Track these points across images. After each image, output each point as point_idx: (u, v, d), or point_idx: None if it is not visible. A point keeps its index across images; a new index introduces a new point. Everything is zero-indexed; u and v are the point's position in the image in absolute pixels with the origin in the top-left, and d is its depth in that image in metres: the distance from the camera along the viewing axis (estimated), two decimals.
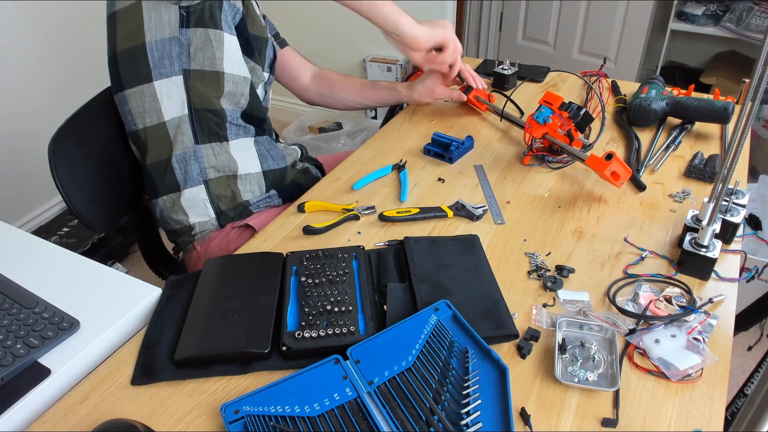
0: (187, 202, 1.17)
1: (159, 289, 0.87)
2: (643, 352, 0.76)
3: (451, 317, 0.79)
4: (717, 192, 0.84)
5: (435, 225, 1.02)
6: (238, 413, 0.67)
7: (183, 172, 1.14)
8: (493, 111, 1.35)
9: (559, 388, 0.72)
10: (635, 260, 0.92)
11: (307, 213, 1.06)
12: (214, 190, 1.17)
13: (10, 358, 0.74)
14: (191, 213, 1.18)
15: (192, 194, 1.16)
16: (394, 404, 0.67)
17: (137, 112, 1.12)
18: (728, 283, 0.87)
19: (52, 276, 0.89)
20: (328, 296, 0.83)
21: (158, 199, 1.19)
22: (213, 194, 1.17)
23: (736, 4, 2.69)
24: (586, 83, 1.46)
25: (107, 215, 1.22)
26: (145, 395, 0.73)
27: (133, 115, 1.12)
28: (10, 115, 2.20)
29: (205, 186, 1.16)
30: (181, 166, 1.14)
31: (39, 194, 2.34)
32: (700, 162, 1.14)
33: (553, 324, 0.80)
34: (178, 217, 1.19)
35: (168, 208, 1.19)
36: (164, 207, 1.19)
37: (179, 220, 1.19)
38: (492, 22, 3.38)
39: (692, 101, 1.26)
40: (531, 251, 0.94)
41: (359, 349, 0.74)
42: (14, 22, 2.12)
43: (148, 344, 0.79)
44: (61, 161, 1.11)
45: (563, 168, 1.16)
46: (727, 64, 2.87)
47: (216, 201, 1.17)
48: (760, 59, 0.86)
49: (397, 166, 1.17)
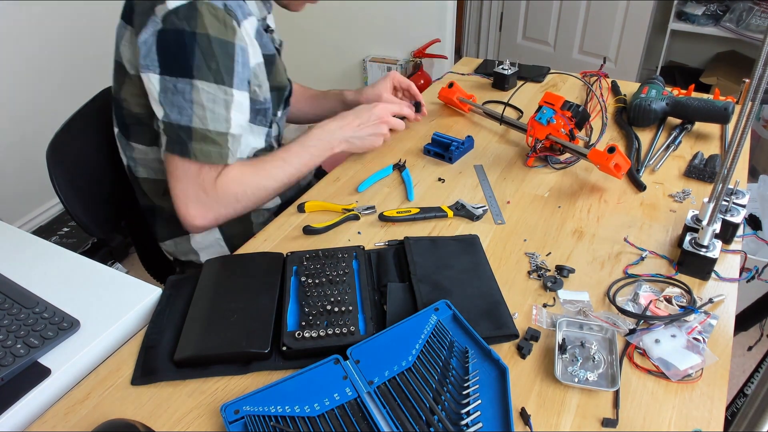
0: (198, 244, 1.15)
1: (159, 289, 0.87)
2: (643, 352, 0.76)
3: (451, 317, 0.79)
4: (717, 192, 0.84)
5: (435, 225, 1.02)
6: (238, 413, 0.67)
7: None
8: (488, 116, 1.35)
9: (559, 388, 0.72)
10: (635, 260, 0.92)
11: (307, 213, 1.06)
12: (227, 229, 1.15)
13: (10, 358, 0.74)
14: (203, 253, 1.16)
15: (203, 235, 1.14)
16: (394, 404, 0.67)
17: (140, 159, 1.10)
18: (728, 283, 0.87)
19: (52, 276, 0.89)
20: (328, 296, 0.83)
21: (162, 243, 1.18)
22: (226, 233, 1.15)
23: (736, 4, 2.69)
24: (585, 84, 1.46)
25: (106, 219, 1.21)
26: (145, 395, 0.73)
27: (136, 161, 1.11)
28: (10, 115, 2.20)
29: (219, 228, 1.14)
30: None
31: (39, 194, 2.34)
32: (700, 162, 1.14)
33: (553, 324, 0.80)
34: (187, 257, 1.17)
35: (174, 251, 1.18)
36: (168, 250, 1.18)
37: (189, 260, 1.17)
38: (492, 22, 3.38)
39: (692, 101, 1.26)
40: (531, 251, 0.94)
41: (359, 349, 0.74)
42: (15, 22, 2.12)
43: (148, 344, 0.79)
44: (59, 166, 1.10)
45: (566, 168, 1.16)
46: (727, 64, 2.87)
47: (230, 239, 1.15)
48: (760, 59, 0.86)
49: (397, 165, 1.17)
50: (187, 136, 0.94)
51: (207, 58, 0.92)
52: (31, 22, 2.17)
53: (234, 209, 1.03)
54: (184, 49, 0.91)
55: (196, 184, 0.98)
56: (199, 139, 0.95)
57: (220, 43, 0.93)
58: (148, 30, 0.92)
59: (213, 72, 0.93)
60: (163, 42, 0.91)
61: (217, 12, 0.92)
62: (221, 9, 0.93)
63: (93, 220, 1.16)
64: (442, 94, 1.40)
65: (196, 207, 0.99)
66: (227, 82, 0.95)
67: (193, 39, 0.90)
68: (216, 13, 0.92)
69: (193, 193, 0.98)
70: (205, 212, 1.00)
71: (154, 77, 0.93)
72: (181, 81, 0.92)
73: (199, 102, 0.93)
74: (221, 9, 0.93)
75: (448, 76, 1.57)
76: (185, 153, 0.95)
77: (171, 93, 0.93)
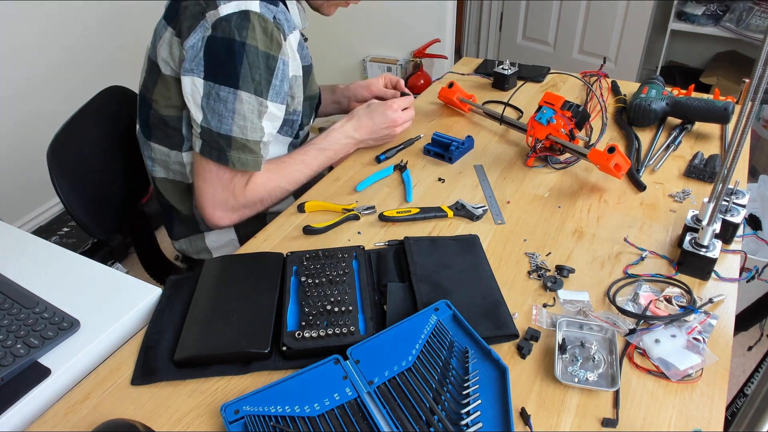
0: (213, 243, 1.16)
1: (159, 289, 0.87)
2: (643, 352, 0.76)
3: (451, 317, 0.79)
4: (717, 192, 0.84)
5: (435, 225, 1.02)
6: (238, 413, 0.67)
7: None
8: (488, 116, 1.35)
9: (559, 388, 0.72)
10: (635, 260, 0.92)
11: (307, 213, 1.06)
12: (242, 230, 1.16)
13: (10, 358, 0.74)
14: (216, 252, 1.17)
15: (219, 235, 1.15)
16: (394, 404, 0.67)
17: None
18: (728, 283, 0.87)
19: (52, 276, 0.89)
20: (328, 296, 0.83)
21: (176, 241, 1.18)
22: (241, 233, 1.16)
23: (736, 4, 2.69)
24: (585, 84, 1.46)
25: (106, 220, 1.21)
26: (145, 395, 0.73)
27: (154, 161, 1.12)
28: (10, 115, 2.20)
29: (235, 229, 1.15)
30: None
31: (39, 194, 2.34)
32: (700, 162, 1.14)
33: (553, 324, 0.80)
34: (199, 256, 1.18)
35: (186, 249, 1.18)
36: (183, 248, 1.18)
37: (201, 258, 1.18)
38: (492, 22, 3.38)
39: (692, 101, 1.26)
40: (531, 251, 0.94)
41: (359, 349, 0.74)
42: (16, 22, 2.12)
43: (148, 344, 0.79)
44: (60, 166, 1.10)
45: (566, 168, 1.16)
46: (727, 64, 2.87)
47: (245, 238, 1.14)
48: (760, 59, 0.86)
49: (399, 166, 1.17)
50: (226, 144, 0.97)
51: (252, 70, 0.94)
52: (31, 22, 2.17)
53: (257, 210, 1.08)
54: (232, 57, 0.92)
55: (228, 190, 1.02)
56: (238, 147, 0.97)
57: (266, 56, 0.95)
58: (197, 34, 0.93)
59: (255, 84, 0.95)
60: (212, 48, 0.92)
61: (267, 25, 0.93)
62: (271, 22, 0.94)
63: (93, 221, 1.16)
64: (442, 94, 1.40)
65: (224, 210, 1.03)
66: (264, 95, 0.97)
67: (242, 49, 0.92)
68: (266, 26, 0.93)
69: (222, 197, 1.02)
70: (231, 214, 1.05)
71: (198, 81, 0.94)
72: (225, 89, 0.94)
73: (241, 112, 0.96)
74: (271, 22, 0.94)
75: (448, 76, 1.57)
76: (223, 160, 0.98)
77: (214, 100, 0.95)
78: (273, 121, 1.03)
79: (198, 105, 0.96)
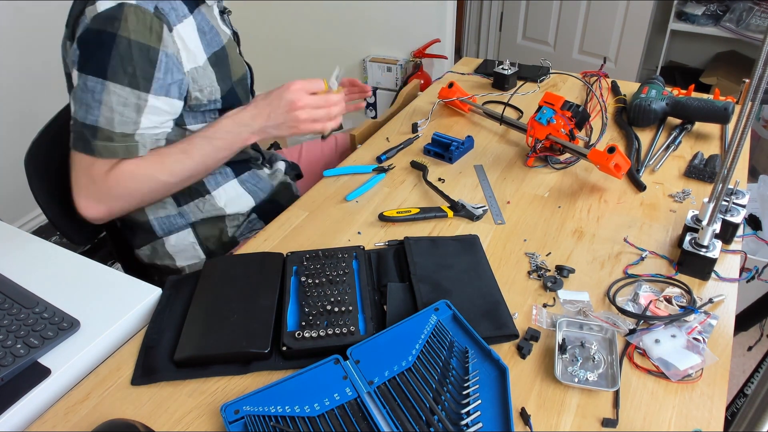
0: (173, 248, 1.14)
1: (159, 289, 0.87)
2: (643, 352, 0.76)
3: (451, 317, 0.79)
4: (717, 192, 0.84)
5: (435, 225, 1.02)
6: (238, 413, 0.67)
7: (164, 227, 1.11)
8: (488, 116, 1.35)
9: (559, 388, 0.72)
10: (635, 260, 0.92)
11: (309, 213, 1.05)
12: (201, 232, 1.14)
13: (10, 358, 0.74)
14: (178, 257, 1.15)
15: (178, 239, 1.13)
16: (394, 404, 0.67)
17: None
18: (728, 283, 0.87)
19: (52, 276, 0.89)
20: (328, 296, 0.83)
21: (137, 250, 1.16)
22: (201, 237, 1.14)
23: (736, 4, 2.69)
24: (585, 84, 1.46)
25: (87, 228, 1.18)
26: (145, 395, 0.73)
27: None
28: (10, 115, 2.19)
29: (192, 229, 1.13)
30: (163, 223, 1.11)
31: None
32: (700, 162, 1.14)
33: (553, 324, 0.80)
34: (163, 262, 1.16)
35: (150, 256, 1.16)
36: (145, 255, 1.16)
37: (165, 265, 1.16)
38: (492, 22, 3.38)
39: (692, 101, 1.26)
40: (531, 251, 0.94)
41: (359, 349, 0.74)
42: (16, 21, 2.12)
43: (148, 344, 0.79)
44: (36, 175, 1.08)
45: (566, 168, 1.16)
46: (727, 64, 2.87)
47: (204, 242, 1.14)
48: (760, 59, 0.86)
49: (380, 168, 1.17)
50: (91, 134, 0.93)
51: (124, 62, 0.90)
52: (32, 23, 2.17)
53: (128, 203, 1.01)
54: (101, 48, 0.90)
55: (87, 176, 0.96)
56: (104, 138, 0.93)
57: (142, 47, 0.91)
58: (80, 31, 0.92)
59: (129, 76, 0.91)
60: (84, 40, 0.91)
61: (145, 16, 0.90)
62: (150, 13, 0.91)
63: (72, 229, 1.14)
64: (442, 94, 1.40)
65: (87, 198, 0.97)
66: (143, 88, 0.93)
67: (112, 40, 0.89)
68: (143, 17, 0.90)
69: (84, 183, 0.97)
70: (97, 204, 0.98)
71: (75, 74, 0.92)
72: (93, 79, 0.91)
73: (108, 104, 0.91)
74: (150, 13, 0.91)
75: (448, 76, 1.57)
76: (88, 150, 0.93)
77: (82, 90, 0.92)
78: (159, 115, 0.97)
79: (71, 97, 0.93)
